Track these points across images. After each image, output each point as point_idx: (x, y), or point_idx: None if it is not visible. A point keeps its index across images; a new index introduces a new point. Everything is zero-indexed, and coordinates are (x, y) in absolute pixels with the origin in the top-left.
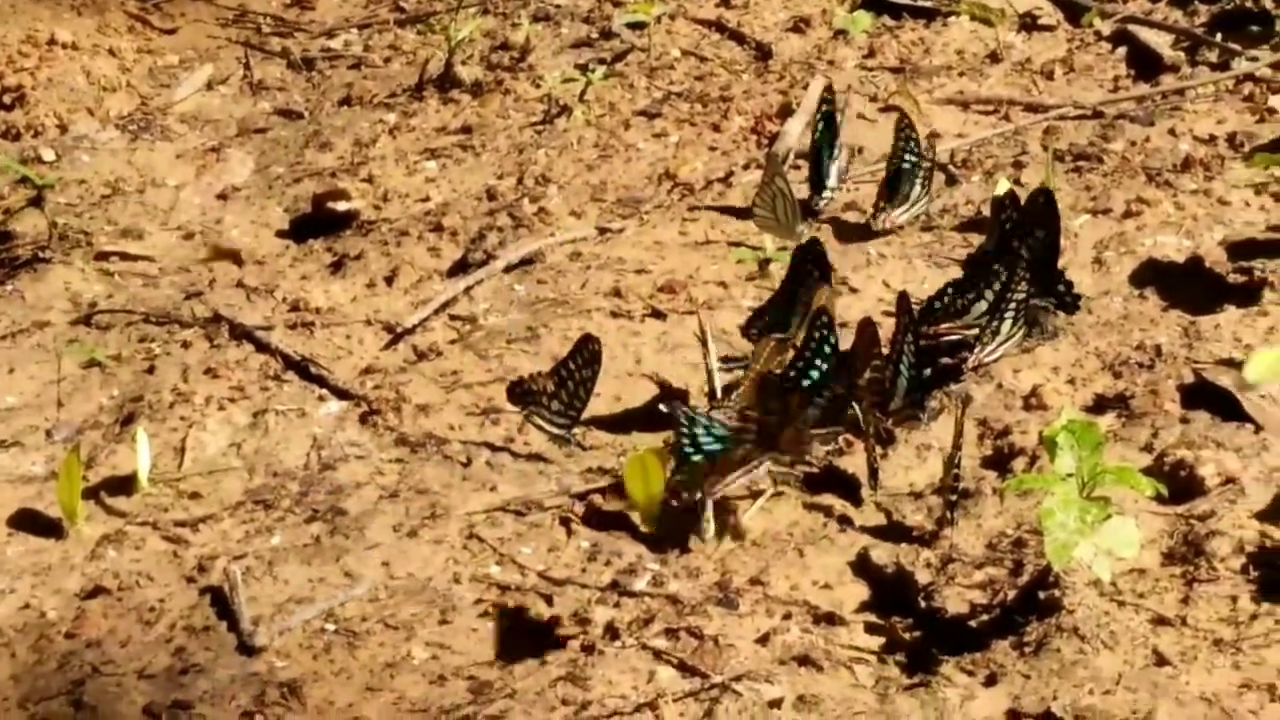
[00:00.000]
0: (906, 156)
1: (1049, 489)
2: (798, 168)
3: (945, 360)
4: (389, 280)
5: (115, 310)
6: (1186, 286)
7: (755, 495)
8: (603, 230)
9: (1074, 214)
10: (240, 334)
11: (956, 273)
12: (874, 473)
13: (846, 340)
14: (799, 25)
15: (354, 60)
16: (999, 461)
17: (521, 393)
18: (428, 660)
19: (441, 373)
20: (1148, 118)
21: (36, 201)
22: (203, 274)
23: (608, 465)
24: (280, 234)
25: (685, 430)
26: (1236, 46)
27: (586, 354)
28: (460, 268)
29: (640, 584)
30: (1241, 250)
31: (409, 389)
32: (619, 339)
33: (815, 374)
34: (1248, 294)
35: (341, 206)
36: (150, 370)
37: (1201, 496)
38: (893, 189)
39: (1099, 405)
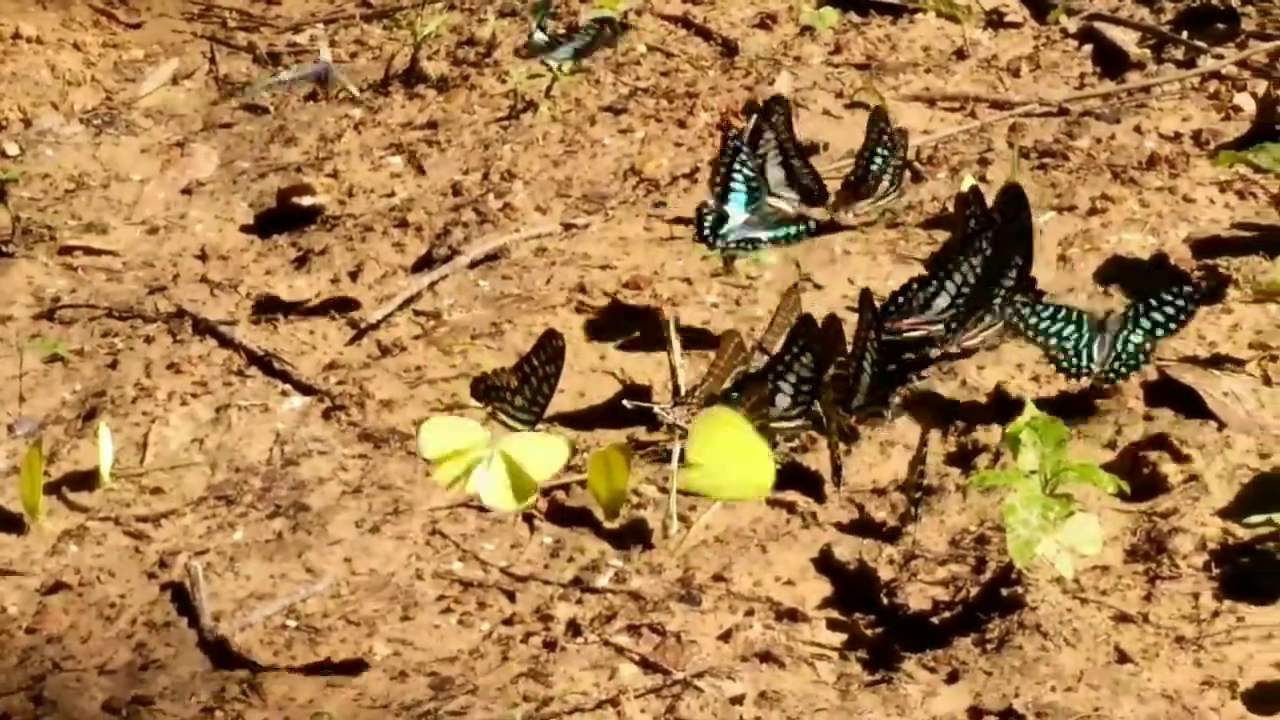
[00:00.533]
0: (879, 151)
1: (1012, 486)
2: None
3: (915, 354)
4: (353, 275)
5: (78, 305)
6: (1151, 283)
7: None
8: (568, 226)
9: (1039, 210)
10: (203, 329)
11: (922, 269)
12: (837, 469)
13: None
14: (765, 21)
15: (320, 55)
16: (963, 458)
17: (485, 389)
18: (389, 656)
19: (405, 368)
20: (1113, 115)
21: None
22: (166, 269)
23: (571, 461)
24: (245, 229)
25: None
26: (1202, 44)
27: (549, 350)
28: (425, 263)
29: (603, 580)
30: (1206, 248)
31: (372, 384)
32: (583, 335)
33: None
34: (1211, 291)
35: (306, 201)
36: (113, 365)
37: (1165, 494)
38: (860, 182)
39: (1062, 402)
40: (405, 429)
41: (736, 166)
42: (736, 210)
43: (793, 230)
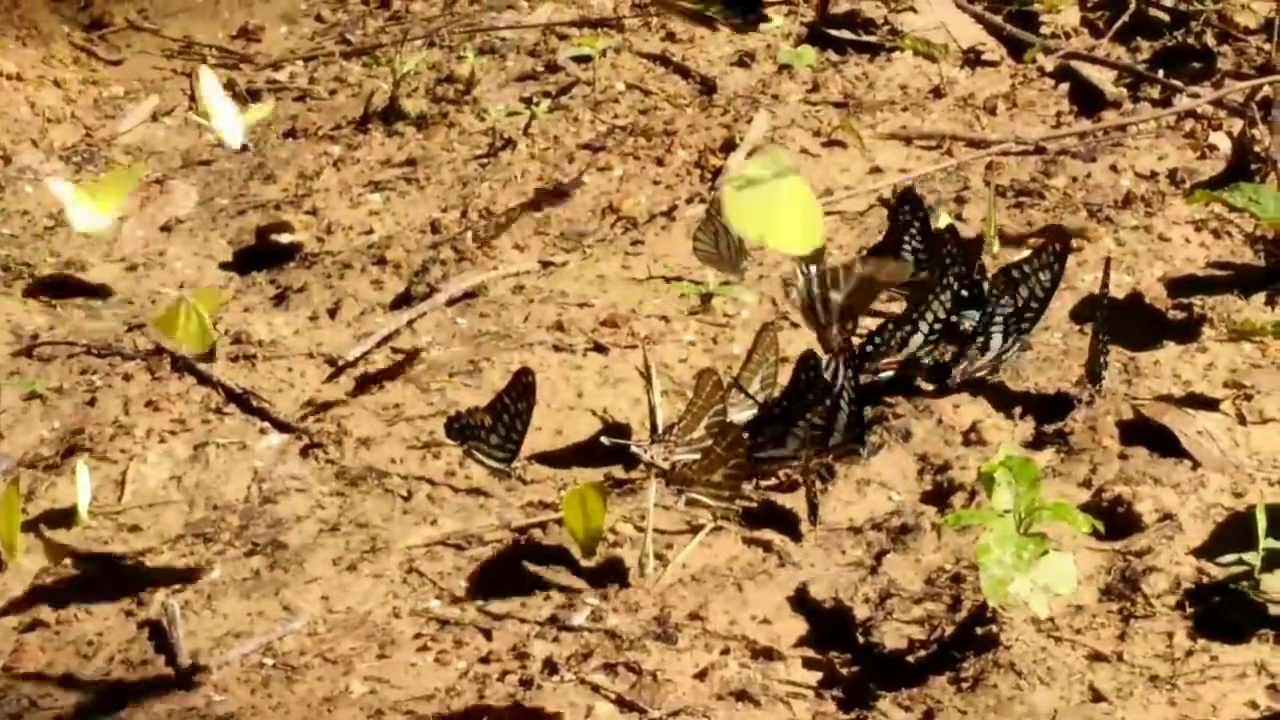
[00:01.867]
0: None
1: (986, 525)
2: None
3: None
4: (332, 313)
5: (57, 342)
6: (1126, 322)
7: (695, 530)
8: (545, 264)
9: (1015, 251)
10: (182, 366)
11: (898, 307)
12: (813, 508)
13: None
14: (743, 60)
15: (299, 93)
16: (938, 496)
17: (459, 428)
18: (366, 694)
19: (383, 406)
20: (1089, 153)
21: None
22: (145, 306)
23: (548, 499)
24: (223, 266)
25: None
26: (1178, 83)
27: (521, 387)
28: (403, 300)
29: (579, 619)
30: (1181, 286)
31: (350, 422)
32: (561, 373)
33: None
34: (1187, 330)
35: (285, 239)
36: (91, 403)
37: (1139, 533)
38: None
39: (1038, 441)
40: (383, 466)
41: None
42: None
43: None
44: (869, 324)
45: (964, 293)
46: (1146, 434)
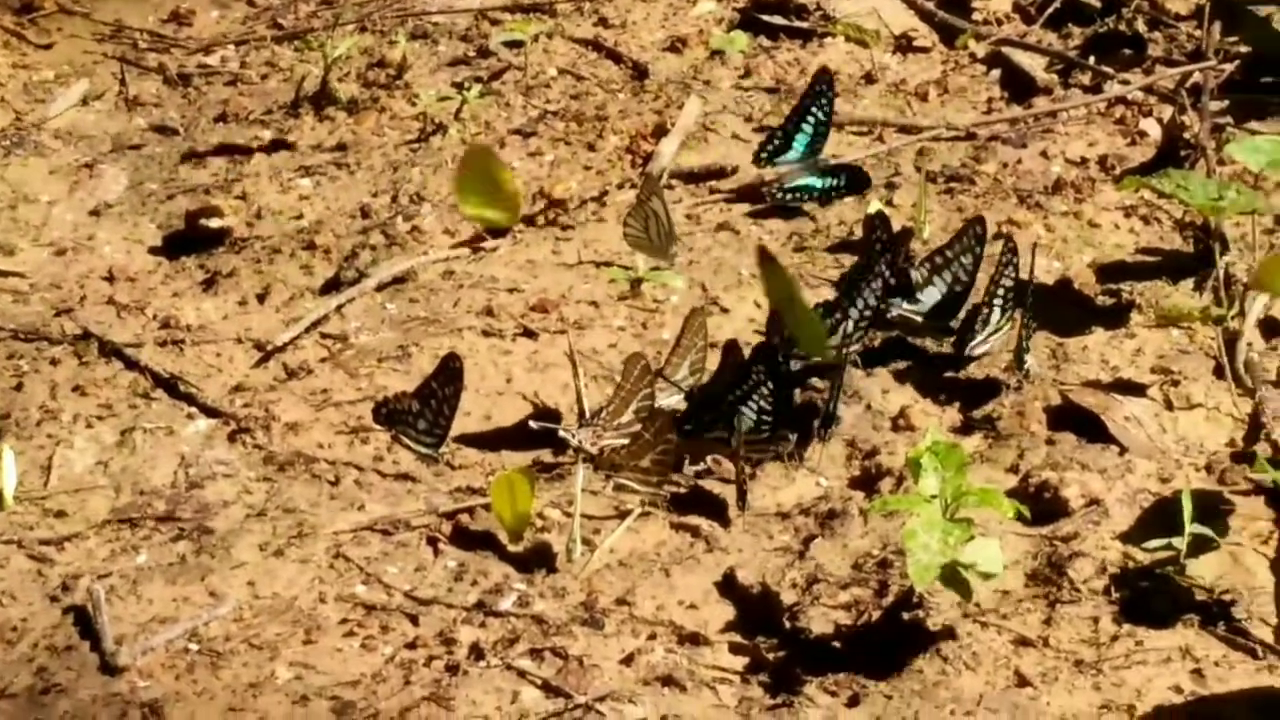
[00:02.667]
0: (815, 112)
1: (913, 510)
2: (671, 187)
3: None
4: (261, 298)
5: None
6: (1055, 308)
7: (623, 515)
8: (476, 249)
9: (945, 235)
10: (109, 351)
11: (829, 293)
12: (742, 493)
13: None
14: (676, 45)
15: (230, 77)
16: (866, 482)
17: (387, 413)
18: (291, 680)
19: (311, 391)
20: (1020, 140)
21: None
22: (73, 290)
23: (476, 484)
24: (153, 251)
25: None
26: (1109, 70)
27: (449, 372)
28: (332, 286)
29: (506, 604)
30: (1110, 273)
31: (278, 407)
32: (490, 358)
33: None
34: (1115, 316)
35: (214, 224)
36: (18, 387)
37: (1066, 518)
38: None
39: (966, 426)
40: (310, 452)
41: (814, 109)
42: (799, 147)
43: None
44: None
45: (892, 280)
46: (1074, 420)
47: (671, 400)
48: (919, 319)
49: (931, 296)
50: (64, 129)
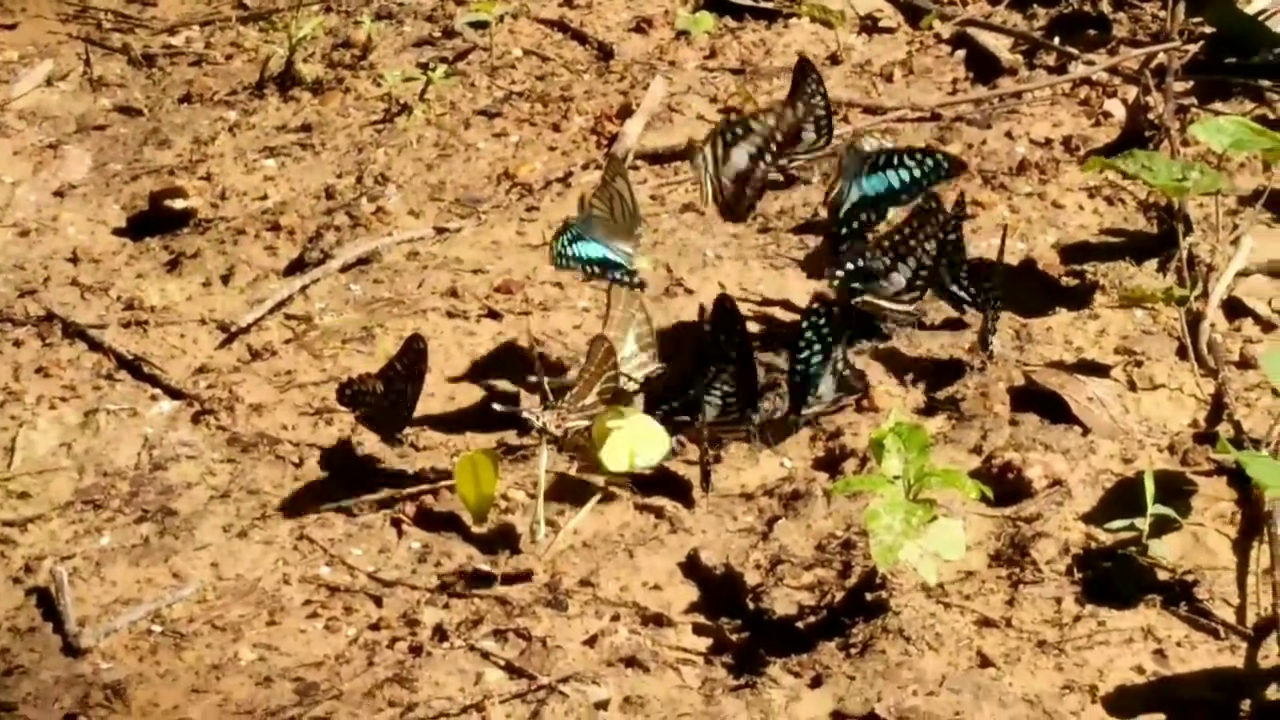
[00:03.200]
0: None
1: (876, 491)
2: (636, 168)
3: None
4: (225, 279)
5: None
6: (1019, 289)
7: (587, 497)
8: (440, 230)
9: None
10: (73, 332)
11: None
12: (706, 475)
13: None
14: (641, 25)
15: (195, 57)
16: (830, 463)
17: (351, 394)
18: (255, 661)
19: (275, 372)
20: (985, 120)
21: None
22: (37, 272)
23: (440, 466)
24: (117, 232)
25: None
26: (1074, 50)
27: (413, 354)
28: (297, 267)
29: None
30: (1074, 253)
31: (242, 389)
32: (454, 339)
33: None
34: (1079, 297)
35: (178, 205)
36: None
37: (1029, 499)
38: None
39: (930, 407)
40: (274, 433)
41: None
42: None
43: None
44: (762, 289)
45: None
46: (1037, 400)
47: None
48: (887, 303)
49: (898, 281)
50: (28, 109)
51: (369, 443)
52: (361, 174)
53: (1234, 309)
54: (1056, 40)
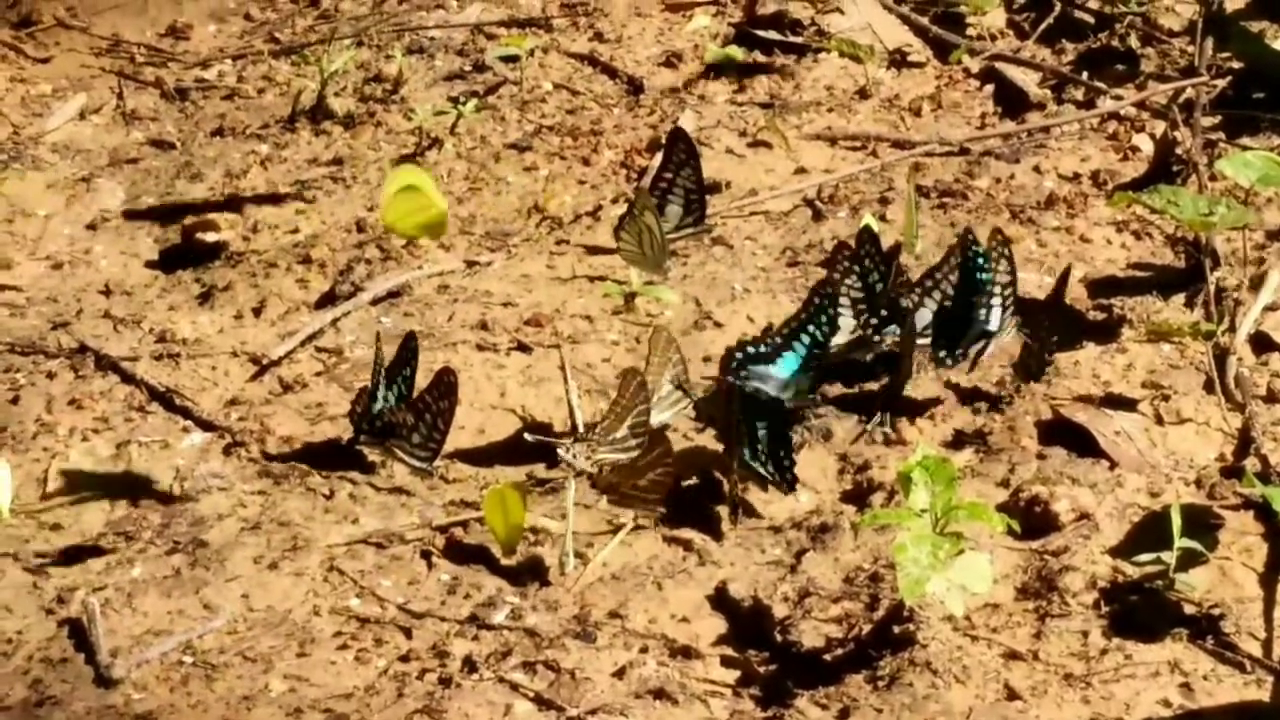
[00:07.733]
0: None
1: (903, 524)
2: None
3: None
4: (256, 312)
5: None
6: (1046, 322)
7: (616, 529)
8: (470, 263)
9: (938, 250)
10: (105, 365)
11: None
12: (734, 507)
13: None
14: (670, 60)
15: (227, 91)
16: (858, 496)
17: (382, 426)
18: (285, 693)
19: (306, 405)
20: (1013, 155)
21: None
22: (70, 304)
23: (470, 498)
24: (149, 265)
25: None
26: (1102, 85)
27: (443, 386)
28: (328, 300)
29: (499, 617)
30: (1101, 288)
31: (273, 421)
32: (484, 372)
33: None
34: (1107, 331)
35: (210, 238)
36: (14, 401)
37: (1056, 532)
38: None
39: (958, 441)
40: (305, 465)
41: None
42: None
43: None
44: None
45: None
46: (1065, 434)
47: (664, 416)
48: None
49: (924, 318)
50: (61, 143)
51: (399, 475)
52: None
53: (1261, 343)
54: (1085, 75)
